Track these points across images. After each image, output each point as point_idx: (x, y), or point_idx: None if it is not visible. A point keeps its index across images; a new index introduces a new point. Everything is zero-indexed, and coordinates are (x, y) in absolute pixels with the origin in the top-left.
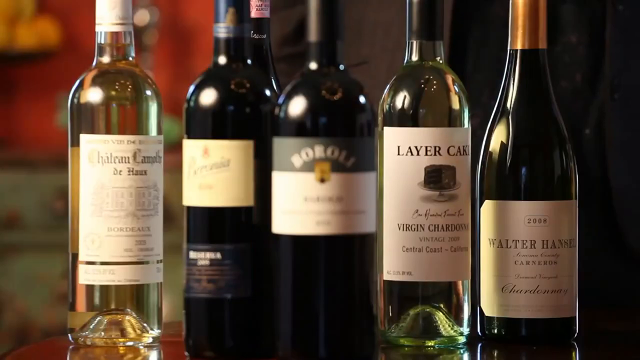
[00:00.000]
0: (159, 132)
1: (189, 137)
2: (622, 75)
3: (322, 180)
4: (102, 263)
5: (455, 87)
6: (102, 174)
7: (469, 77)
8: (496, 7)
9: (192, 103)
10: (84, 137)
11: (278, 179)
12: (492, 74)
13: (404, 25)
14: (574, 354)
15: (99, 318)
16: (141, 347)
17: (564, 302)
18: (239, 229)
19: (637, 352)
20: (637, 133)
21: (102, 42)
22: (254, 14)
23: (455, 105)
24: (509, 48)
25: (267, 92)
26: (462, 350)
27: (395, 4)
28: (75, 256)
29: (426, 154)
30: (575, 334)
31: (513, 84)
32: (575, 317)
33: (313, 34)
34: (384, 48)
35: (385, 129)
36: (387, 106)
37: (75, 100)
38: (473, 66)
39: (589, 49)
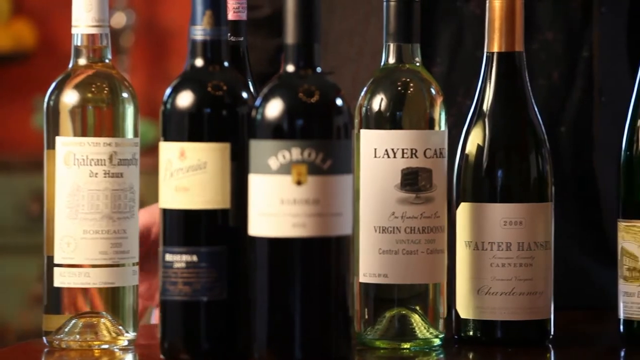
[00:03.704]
0: (136, 134)
1: (166, 140)
2: (608, 77)
3: (299, 183)
4: (78, 266)
5: (433, 89)
6: (77, 176)
7: (444, 76)
8: (471, 5)
9: (168, 105)
10: (59, 140)
11: (255, 181)
12: (467, 73)
13: (365, 33)
14: (549, 355)
15: (74, 321)
16: (116, 350)
17: (540, 304)
18: (215, 231)
19: (612, 354)
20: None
21: (79, 44)
22: (231, 16)
23: (433, 107)
24: (485, 50)
25: (244, 95)
26: (437, 353)
27: (357, 14)
28: (50, 259)
29: (403, 157)
30: (551, 336)
31: (489, 86)
32: (551, 319)
33: (290, 36)
34: (348, 57)
35: (362, 131)
36: (364, 108)
37: (51, 103)
38: (448, 65)
39: (566, 46)
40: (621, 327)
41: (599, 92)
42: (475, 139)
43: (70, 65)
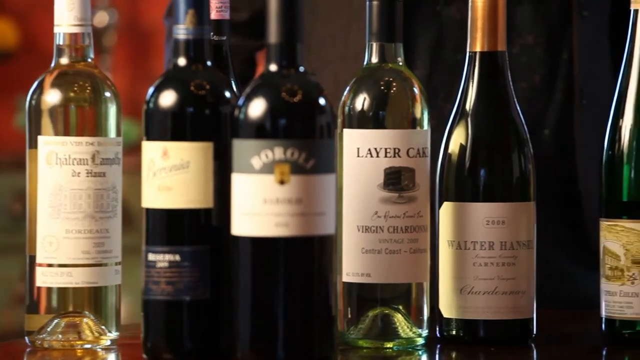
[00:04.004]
0: (118, 133)
1: (148, 139)
2: (589, 80)
3: (282, 182)
4: (60, 265)
5: (415, 89)
6: (60, 175)
7: (425, 80)
8: (452, 10)
9: (151, 105)
10: (42, 139)
11: (237, 180)
12: (448, 77)
13: (347, 36)
14: (531, 354)
15: (56, 320)
16: (99, 350)
17: (522, 304)
18: (198, 230)
19: (594, 354)
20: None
21: (61, 43)
22: (213, 15)
23: (415, 107)
24: (468, 50)
25: (227, 94)
26: (420, 352)
27: (341, 18)
28: (32, 258)
29: (386, 156)
30: (533, 335)
31: (472, 85)
32: (533, 318)
33: (273, 35)
34: (330, 59)
35: (345, 130)
36: (347, 108)
37: (33, 102)
38: (429, 69)
39: (547, 50)
40: (603, 326)
41: (580, 95)
42: (458, 139)
43: (53, 64)
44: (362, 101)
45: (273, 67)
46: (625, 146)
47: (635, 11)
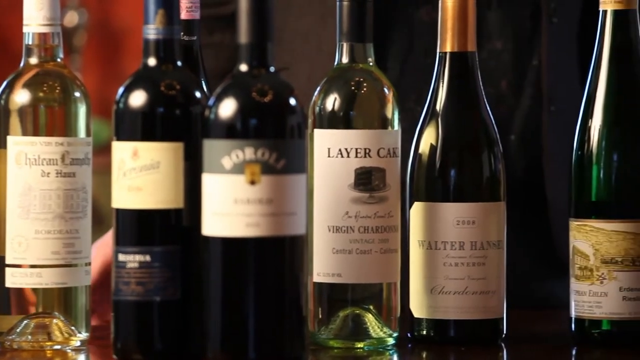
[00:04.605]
0: (88, 134)
1: (118, 139)
2: (557, 87)
3: (253, 182)
4: (30, 266)
5: (386, 89)
6: (29, 176)
7: (395, 83)
8: (421, 12)
9: (121, 105)
10: (11, 139)
11: (208, 181)
12: (418, 80)
13: (322, 33)
14: (501, 354)
15: (25, 321)
16: (69, 351)
17: (492, 303)
18: (169, 231)
19: (563, 353)
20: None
21: (30, 43)
22: (184, 15)
23: (386, 107)
24: (438, 50)
25: (197, 94)
26: (391, 352)
27: (314, 14)
28: (2, 259)
29: (356, 156)
30: (503, 335)
31: (442, 86)
32: (503, 318)
33: (243, 35)
34: (303, 55)
35: (316, 130)
36: (317, 108)
37: (2, 102)
38: (399, 71)
39: (514, 56)
40: (572, 325)
41: (548, 101)
42: (428, 139)
43: (22, 64)
44: (332, 101)
45: (243, 67)
46: (594, 147)
47: (604, 12)
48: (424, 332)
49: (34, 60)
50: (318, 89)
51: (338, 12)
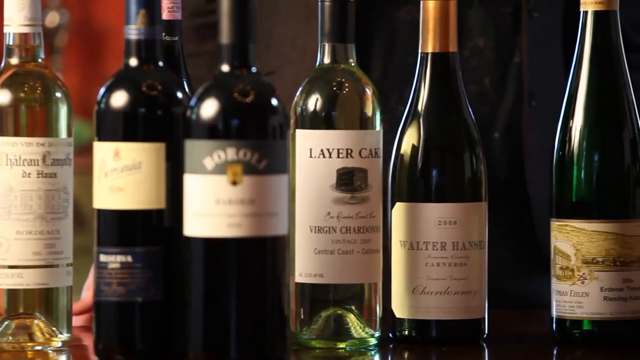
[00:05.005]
0: (69, 134)
1: (100, 140)
2: (538, 82)
3: (234, 183)
4: (10, 267)
5: (368, 89)
6: (10, 176)
7: (377, 83)
8: (402, 12)
9: (102, 105)
10: None
11: (190, 181)
12: (400, 80)
13: (307, 36)
14: (483, 354)
15: (6, 322)
16: (50, 352)
17: (474, 303)
18: (150, 231)
19: (545, 353)
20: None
21: (11, 43)
22: (165, 15)
23: (368, 107)
24: (419, 51)
25: (179, 95)
26: (373, 352)
27: (301, 17)
28: None
29: (338, 157)
30: (485, 335)
31: (424, 86)
32: (485, 318)
33: (225, 36)
34: (289, 59)
35: (298, 131)
36: (299, 108)
37: None
38: (381, 71)
39: (496, 53)
40: (554, 325)
41: (529, 97)
42: (410, 139)
43: (2, 64)
44: (314, 102)
45: (225, 68)
46: (575, 147)
47: (585, 12)
48: (406, 332)
49: (14, 60)
50: (300, 89)
51: (320, 12)
